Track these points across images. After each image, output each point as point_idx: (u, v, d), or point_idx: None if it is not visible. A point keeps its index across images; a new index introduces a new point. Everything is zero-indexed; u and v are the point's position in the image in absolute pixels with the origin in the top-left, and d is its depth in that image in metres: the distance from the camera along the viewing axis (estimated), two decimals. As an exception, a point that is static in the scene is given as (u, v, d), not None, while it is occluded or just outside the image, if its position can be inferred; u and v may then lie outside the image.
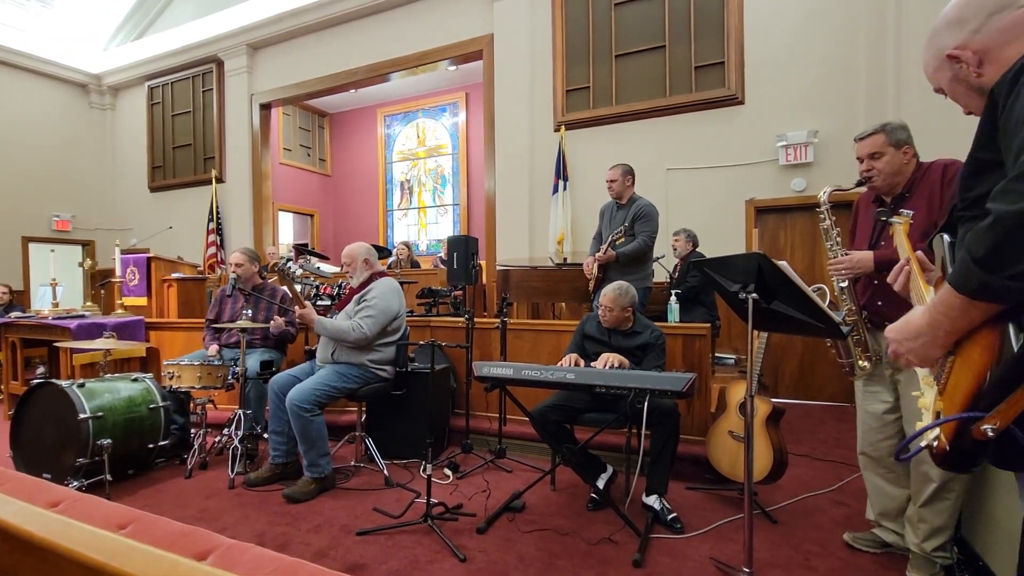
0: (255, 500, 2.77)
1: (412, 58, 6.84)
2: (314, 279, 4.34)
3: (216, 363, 3.23)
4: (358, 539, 2.34)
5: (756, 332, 2.27)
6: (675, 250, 4.66)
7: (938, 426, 0.93)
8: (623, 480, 2.81)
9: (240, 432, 3.11)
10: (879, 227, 2.08)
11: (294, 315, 3.16)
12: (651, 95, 5.50)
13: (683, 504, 2.69)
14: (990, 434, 0.83)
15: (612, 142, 5.61)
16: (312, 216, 10.63)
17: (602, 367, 2.53)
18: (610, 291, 2.78)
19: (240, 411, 3.17)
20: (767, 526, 2.47)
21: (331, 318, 3.12)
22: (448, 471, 3.12)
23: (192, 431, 3.41)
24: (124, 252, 5.27)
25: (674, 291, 3.77)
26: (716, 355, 4.13)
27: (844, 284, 2.09)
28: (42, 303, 8.09)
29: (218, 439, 3.43)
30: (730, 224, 5.15)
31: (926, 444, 0.95)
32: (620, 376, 2.35)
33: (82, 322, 4.15)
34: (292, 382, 2.92)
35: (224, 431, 3.35)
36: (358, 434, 3.26)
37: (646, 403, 2.22)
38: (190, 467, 3.16)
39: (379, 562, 2.15)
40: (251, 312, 3.43)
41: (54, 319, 4.28)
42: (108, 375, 3.20)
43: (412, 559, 2.17)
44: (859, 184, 2.10)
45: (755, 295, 1.84)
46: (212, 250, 8.09)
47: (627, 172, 3.79)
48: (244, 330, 3.20)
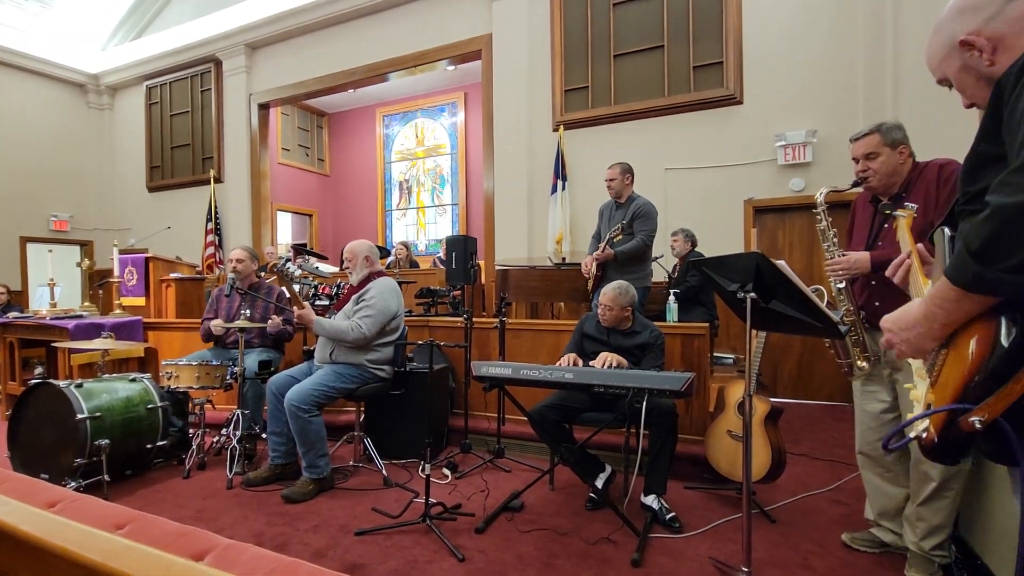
0: (253, 500, 2.76)
1: (410, 58, 6.83)
2: (312, 279, 4.34)
3: (215, 363, 3.23)
4: (357, 539, 2.34)
5: (754, 332, 2.27)
6: (674, 250, 4.67)
7: (927, 417, 0.92)
8: (622, 480, 2.81)
9: (238, 432, 3.11)
10: (877, 226, 2.08)
11: (291, 314, 3.16)
12: (650, 95, 5.50)
13: (682, 504, 2.69)
14: (978, 426, 0.83)
15: (611, 142, 5.61)
16: (311, 216, 10.62)
17: (600, 367, 2.53)
18: (610, 290, 2.78)
19: (238, 411, 3.17)
20: (765, 525, 2.48)
21: (329, 318, 3.12)
22: (447, 471, 3.12)
23: (190, 431, 3.40)
24: (122, 252, 5.26)
25: (673, 291, 3.76)
26: (715, 355, 4.13)
27: (841, 285, 2.09)
28: (40, 303, 8.09)
29: (216, 439, 3.43)
30: (729, 224, 5.15)
31: (915, 435, 0.95)
32: (619, 376, 2.35)
33: (80, 322, 4.14)
34: (290, 383, 2.92)
35: (222, 431, 3.35)
36: (356, 434, 3.26)
37: (644, 403, 2.22)
38: (188, 467, 3.16)
39: (378, 562, 2.15)
40: (249, 311, 3.42)
41: (52, 319, 4.27)
42: (106, 375, 3.19)
43: (411, 559, 2.17)
44: (855, 185, 2.10)
45: (753, 295, 1.84)
46: (210, 250, 8.09)
47: (626, 171, 3.79)
48: (242, 330, 3.20)
